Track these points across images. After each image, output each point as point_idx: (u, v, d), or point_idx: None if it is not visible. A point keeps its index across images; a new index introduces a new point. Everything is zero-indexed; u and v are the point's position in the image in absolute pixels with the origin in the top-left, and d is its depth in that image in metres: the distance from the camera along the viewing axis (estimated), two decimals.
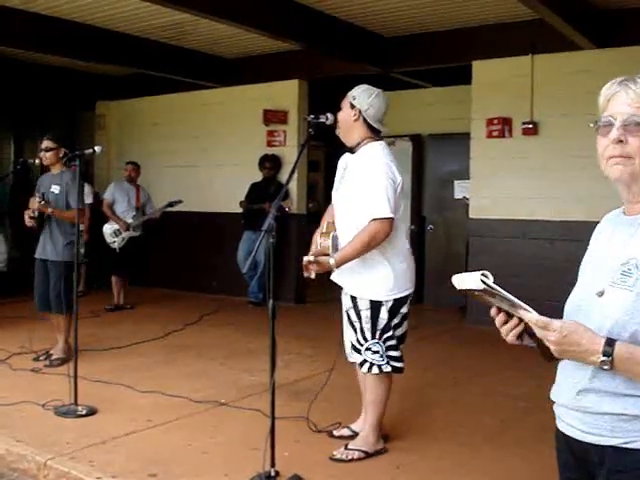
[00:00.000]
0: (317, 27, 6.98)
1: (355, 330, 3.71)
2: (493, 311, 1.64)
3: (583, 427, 1.60)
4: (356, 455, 3.65)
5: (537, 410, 4.43)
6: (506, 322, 1.61)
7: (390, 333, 3.65)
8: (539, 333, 1.54)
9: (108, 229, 8.15)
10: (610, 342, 1.48)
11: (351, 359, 3.82)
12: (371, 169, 3.61)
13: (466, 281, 1.57)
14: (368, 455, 3.68)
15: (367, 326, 3.65)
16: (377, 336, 3.64)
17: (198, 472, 3.48)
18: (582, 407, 1.59)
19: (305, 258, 3.58)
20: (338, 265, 3.54)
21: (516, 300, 1.55)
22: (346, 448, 3.69)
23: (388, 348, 3.65)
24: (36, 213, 5.39)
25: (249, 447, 3.69)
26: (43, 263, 5.56)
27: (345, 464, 3.61)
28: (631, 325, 1.50)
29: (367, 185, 3.58)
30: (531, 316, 1.54)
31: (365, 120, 3.70)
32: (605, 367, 1.49)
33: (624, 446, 1.53)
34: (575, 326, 1.52)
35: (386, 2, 6.59)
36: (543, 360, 1.66)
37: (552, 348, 1.53)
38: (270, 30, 6.66)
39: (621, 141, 1.56)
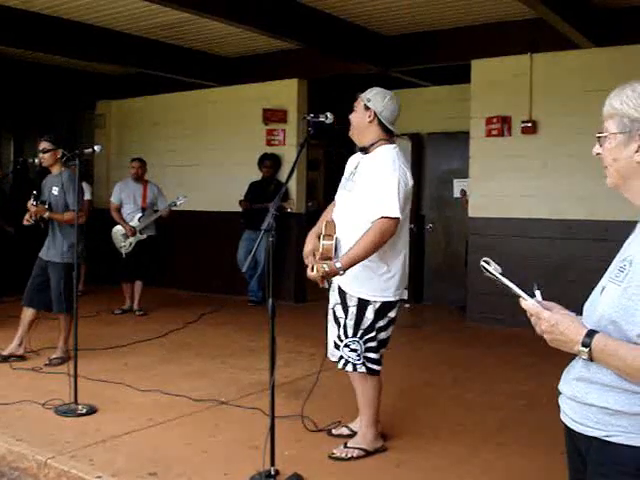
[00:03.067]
0: (316, 26, 6.98)
1: (339, 326, 3.70)
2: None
3: (574, 416, 1.66)
4: (355, 453, 3.66)
5: (537, 408, 4.45)
6: None
7: (372, 334, 3.63)
8: (532, 321, 1.62)
9: (118, 231, 7.85)
10: (590, 333, 1.55)
11: (333, 358, 3.79)
12: (385, 170, 3.59)
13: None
14: (368, 453, 3.69)
15: (350, 323, 3.64)
16: (358, 335, 3.62)
17: (198, 471, 3.49)
18: (574, 396, 1.65)
19: (315, 273, 3.44)
20: (345, 268, 3.46)
21: (513, 287, 1.64)
22: (345, 446, 3.70)
23: (367, 349, 3.63)
24: (33, 219, 5.39)
25: (249, 446, 3.70)
26: (43, 263, 5.57)
27: (345, 462, 3.62)
28: (613, 317, 1.55)
29: (379, 184, 3.56)
30: (526, 303, 1.63)
31: (380, 122, 3.72)
32: (584, 357, 1.56)
33: (606, 439, 1.57)
34: (562, 317, 1.60)
35: (385, 1, 6.58)
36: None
37: (545, 337, 1.61)
38: (268, 29, 6.66)
39: (599, 154, 1.69)
